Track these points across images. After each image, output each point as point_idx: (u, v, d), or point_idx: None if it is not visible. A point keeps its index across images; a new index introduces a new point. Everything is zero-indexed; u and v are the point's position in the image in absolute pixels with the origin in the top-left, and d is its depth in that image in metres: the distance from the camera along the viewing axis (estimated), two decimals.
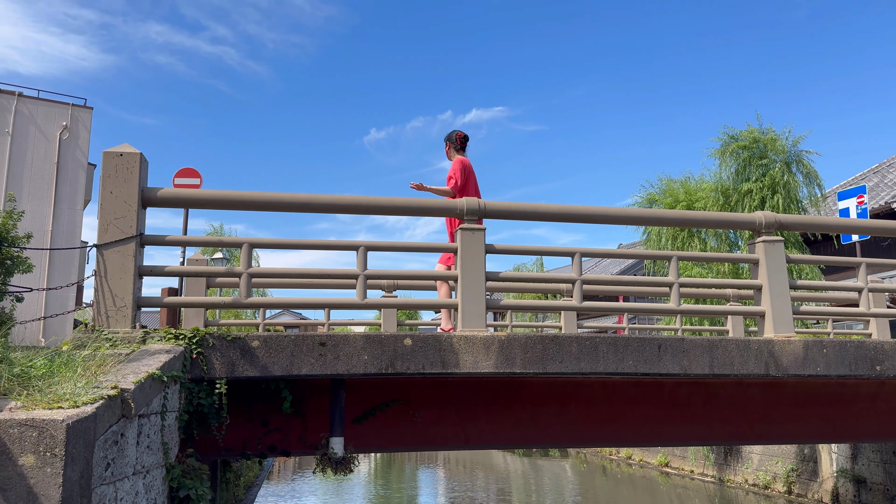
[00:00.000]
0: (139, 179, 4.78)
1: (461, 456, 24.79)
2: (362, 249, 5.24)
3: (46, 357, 3.82)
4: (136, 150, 4.83)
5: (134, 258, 4.70)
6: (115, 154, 4.79)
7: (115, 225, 4.70)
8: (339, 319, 16.14)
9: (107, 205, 4.73)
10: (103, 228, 4.70)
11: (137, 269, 4.74)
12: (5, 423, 2.96)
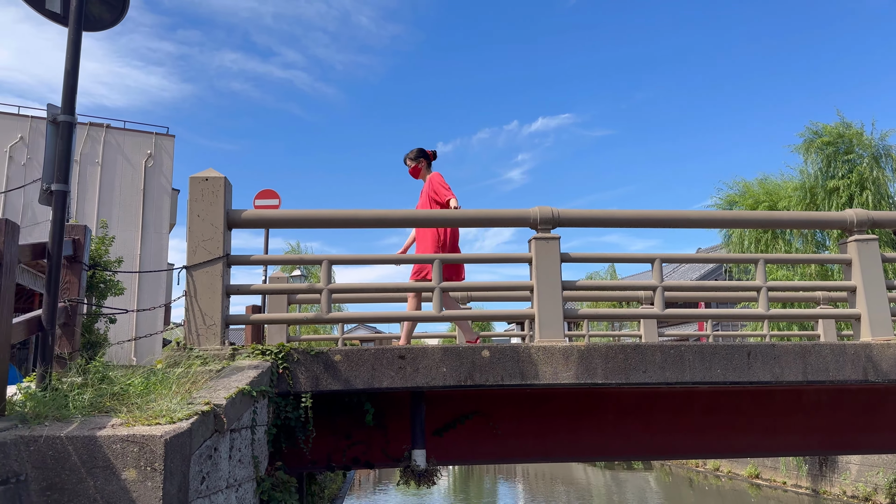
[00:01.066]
0: (224, 202, 4.97)
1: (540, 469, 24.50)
2: (437, 263, 5.28)
3: (143, 375, 4.01)
4: (221, 174, 5.03)
5: (221, 278, 4.88)
6: (201, 179, 5.00)
7: (203, 247, 4.90)
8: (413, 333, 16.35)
9: (195, 228, 4.94)
10: (192, 250, 4.91)
11: (225, 288, 4.92)
12: (108, 439, 3.12)
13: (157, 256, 23.72)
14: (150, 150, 24.47)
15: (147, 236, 23.73)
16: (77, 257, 4.44)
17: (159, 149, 24.80)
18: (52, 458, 3.05)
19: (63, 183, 4.00)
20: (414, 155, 6.64)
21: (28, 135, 23.49)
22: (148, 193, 24.18)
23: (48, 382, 3.74)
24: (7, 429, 3.14)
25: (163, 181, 24.73)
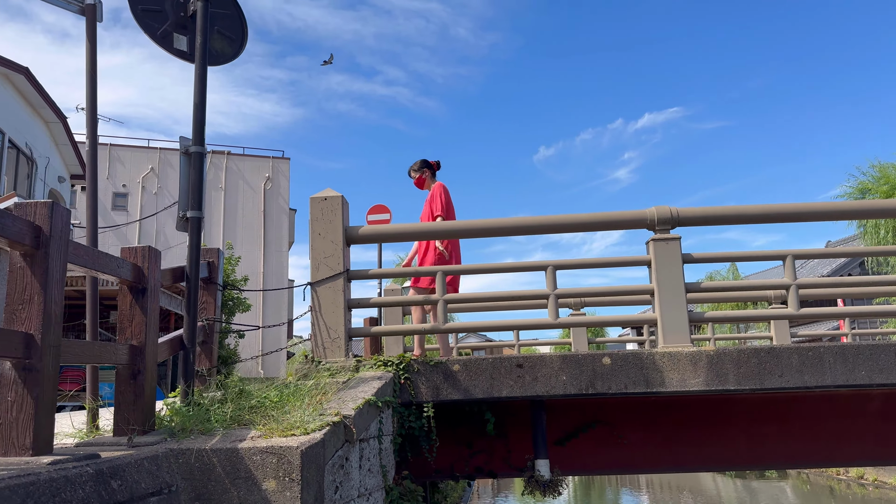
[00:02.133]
0: (342, 220, 5.15)
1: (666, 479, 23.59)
2: (550, 269, 5.22)
3: (277, 388, 4.19)
4: (338, 193, 5.21)
5: (343, 293, 5.05)
6: (320, 199, 5.20)
7: (325, 263, 5.09)
8: (523, 340, 16.03)
9: (316, 245, 5.14)
10: (315, 267, 5.11)
11: (347, 302, 5.08)
12: (249, 450, 3.28)
13: (278, 273, 24.91)
14: (268, 174, 25.79)
15: (268, 254, 24.98)
16: (212, 278, 4.72)
17: (276, 171, 26.09)
18: (199, 470, 3.24)
19: (197, 210, 4.27)
20: (417, 166, 6.58)
21: (157, 166, 25.38)
22: (267, 214, 25.47)
23: (191, 398, 3.99)
24: (158, 442, 3.37)
25: (280, 202, 25.98)
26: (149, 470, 2.98)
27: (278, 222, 25.75)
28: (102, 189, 24.38)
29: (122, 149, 25.33)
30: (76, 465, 2.52)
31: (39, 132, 16.75)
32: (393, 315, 8.46)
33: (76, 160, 18.78)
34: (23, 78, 14.76)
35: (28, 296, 2.68)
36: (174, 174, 25.34)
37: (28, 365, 2.61)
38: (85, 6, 4.14)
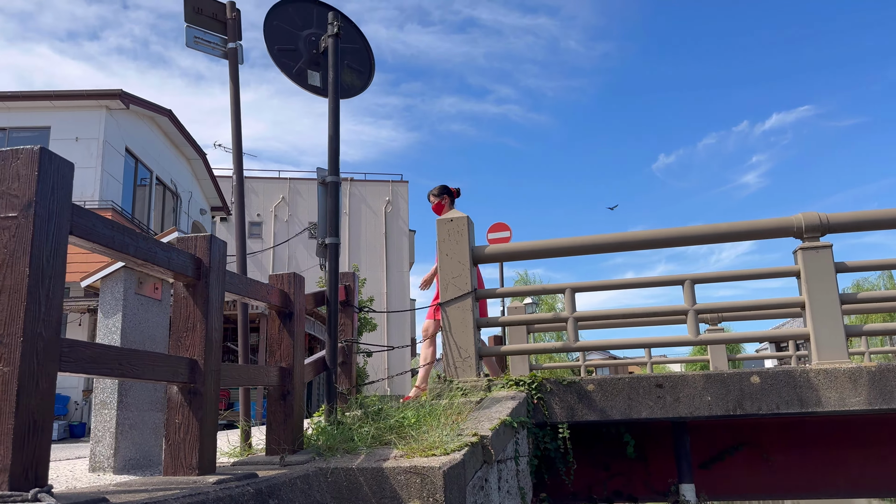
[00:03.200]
0: (469, 240, 5.19)
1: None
2: (688, 283, 4.99)
3: (414, 408, 4.25)
4: (464, 214, 5.26)
5: (472, 312, 5.07)
6: (446, 220, 5.27)
7: (453, 283, 5.14)
8: (641, 358, 15.29)
9: (444, 266, 5.20)
10: (444, 287, 5.17)
11: (475, 321, 5.10)
12: (394, 470, 3.33)
13: (400, 293, 25.50)
14: (388, 197, 26.56)
15: (391, 275, 25.65)
16: (349, 301, 4.88)
17: (396, 195, 26.83)
18: (346, 489, 3.33)
19: (335, 236, 4.44)
20: (437, 192, 6.47)
21: (288, 195, 26.78)
22: (389, 236, 26.20)
23: (334, 417, 4.12)
24: (307, 461, 3.50)
25: (400, 224, 26.66)
26: (301, 489, 3.09)
27: (399, 244, 26.43)
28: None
29: (256, 180, 26.95)
30: (238, 484, 2.66)
31: (183, 169, 18.18)
32: (518, 333, 8.40)
33: (215, 193, 20.21)
34: (167, 120, 16.11)
35: (191, 323, 2.88)
36: (303, 202, 26.68)
37: (193, 389, 2.80)
38: (227, 50, 4.44)
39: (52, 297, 2.01)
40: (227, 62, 4.57)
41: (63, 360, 2.06)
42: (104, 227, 2.32)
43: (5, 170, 2.01)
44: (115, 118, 14.04)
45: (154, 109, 15.29)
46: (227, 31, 4.42)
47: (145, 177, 15.70)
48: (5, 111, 13.54)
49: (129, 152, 14.75)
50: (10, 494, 1.78)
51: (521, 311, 8.97)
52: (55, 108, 13.66)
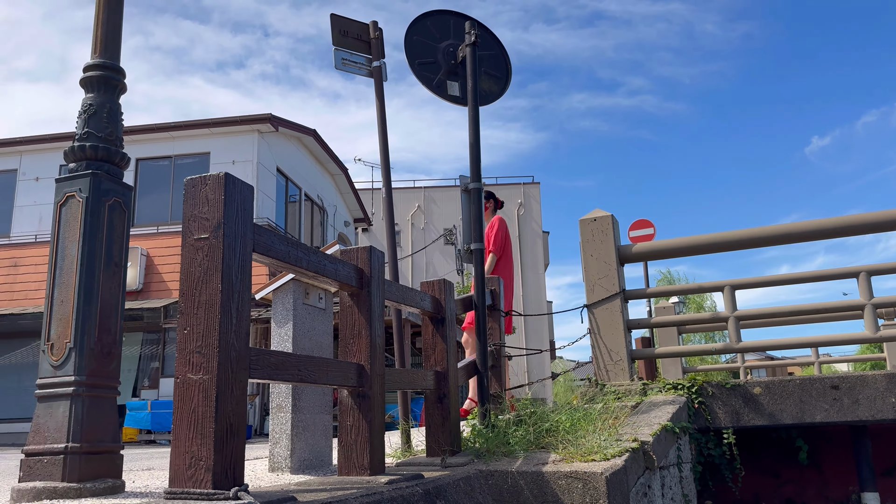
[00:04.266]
0: (614, 239, 5.07)
1: None
2: (864, 275, 4.58)
3: (567, 412, 4.21)
4: (607, 213, 5.15)
5: (621, 313, 4.94)
6: (589, 220, 5.19)
7: (600, 284, 5.04)
8: (806, 357, 13.93)
9: (590, 267, 5.11)
10: (590, 289, 5.08)
11: (626, 323, 4.97)
12: (554, 474, 3.32)
13: (536, 295, 25.35)
14: (520, 199, 26.53)
15: (526, 278, 25.57)
16: (495, 305, 4.92)
17: (528, 197, 26.75)
18: (507, 492, 3.35)
19: (480, 242, 4.50)
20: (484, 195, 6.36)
21: (423, 203, 27.46)
22: (522, 239, 26.14)
23: (488, 420, 4.17)
24: (466, 463, 3.56)
25: (534, 226, 26.53)
26: (465, 490, 3.15)
27: (533, 246, 26.30)
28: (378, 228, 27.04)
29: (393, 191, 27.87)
30: (408, 484, 2.75)
31: (327, 184, 19.16)
32: (668, 335, 8.09)
33: (357, 206, 21.12)
34: (312, 139, 17.05)
35: (357, 330, 3.02)
36: (438, 210, 27.25)
37: (361, 392, 2.93)
38: (372, 69, 4.63)
39: (241, 309, 2.18)
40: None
41: (252, 367, 2.23)
42: (280, 243, 2.50)
43: (196, 195, 2.21)
44: (266, 140, 15.06)
45: (300, 130, 16.24)
46: (371, 51, 4.61)
47: (294, 193, 16.70)
48: (170, 140, 14.91)
49: (280, 171, 15.76)
50: (215, 492, 1.96)
51: (669, 310, 8.64)
52: (213, 134, 14.87)
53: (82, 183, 2.56)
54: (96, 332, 2.48)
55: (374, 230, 26.40)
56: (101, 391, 2.49)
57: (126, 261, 2.67)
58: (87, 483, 2.34)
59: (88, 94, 2.74)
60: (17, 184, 15.25)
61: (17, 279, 14.02)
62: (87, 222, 2.52)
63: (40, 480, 2.33)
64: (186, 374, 2.07)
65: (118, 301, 2.60)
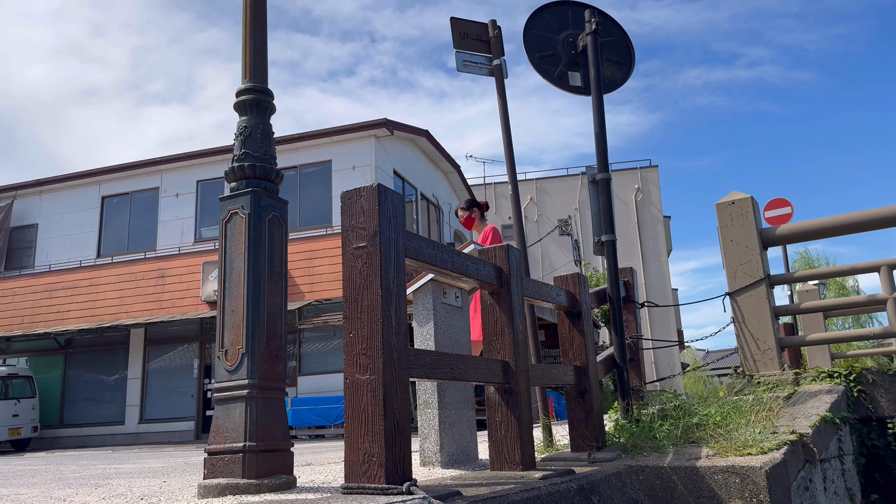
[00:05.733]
0: (755, 223, 4.83)
1: None
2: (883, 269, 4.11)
3: (716, 405, 4.07)
4: (746, 195, 4.92)
5: (767, 300, 4.71)
6: (727, 203, 4.97)
7: (742, 271, 4.82)
8: None
9: (729, 253, 4.90)
10: (731, 275, 4.87)
11: (773, 310, 4.73)
12: (709, 469, 3.22)
13: (660, 283, 24.55)
14: (637, 185, 25.77)
15: (648, 266, 24.82)
16: (629, 297, 4.83)
17: (645, 181, 25.93)
18: (660, 487, 3.29)
19: (611, 233, 4.43)
20: (465, 205, 6.30)
21: (535, 195, 27.27)
22: (641, 225, 25.39)
23: (631, 414, 4.10)
24: (613, 459, 3.52)
25: (653, 211, 25.70)
26: (616, 486, 3.13)
27: (654, 232, 25.47)
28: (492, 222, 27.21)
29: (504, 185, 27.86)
30: (561, 480, 2.77)
31: (440, 182, 19.45)
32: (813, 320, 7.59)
33: None
34: (425, 139, 17.37)
35: (499, 328, 3.06)
36: (550, 201, 26.99)
37: (508, 388, 2.97)
38: (493, 67, 4.66)
39: (399, 312, 2.28)
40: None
41: (412, 366, 2.32)
42: (428, 247, 2.58)
43: (352, 207, 2.33)
44: (382, 145, 15.51)
45: (413, 132, 16.59)
46: (490, 49, 4.64)
47: (411, 194, 17.09)
48: (294, 151, 15.65)
49: (397, 174, 16.17)
50: (388, 487, 2.06)
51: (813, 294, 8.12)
52: (333, 142, 15.48)
53: (244, 200, 2.76)
54: (265, 338, 2.67)
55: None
56: (272, 393, 2.67)
57: (286, 270, 2.85)
58: (265, 479, 2.52)
59: (242, 116, 2.94)
60: (159, 200, 16.54)
61: (164, 289, 15.21)
62: (250, 237, 2.71)
63: (223, 477, 2.53)
64: (355, 375, 2.19)
65: (281, 308, 2.78)
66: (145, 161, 16.69)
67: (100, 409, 16.07)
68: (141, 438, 15.32)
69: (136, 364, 15.91)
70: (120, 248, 16.58)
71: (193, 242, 15.97)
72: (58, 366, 16.64)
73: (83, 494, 2.96)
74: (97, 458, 7.81)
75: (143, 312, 15.14)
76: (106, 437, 15.56)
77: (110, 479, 3.85)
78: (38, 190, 17.47)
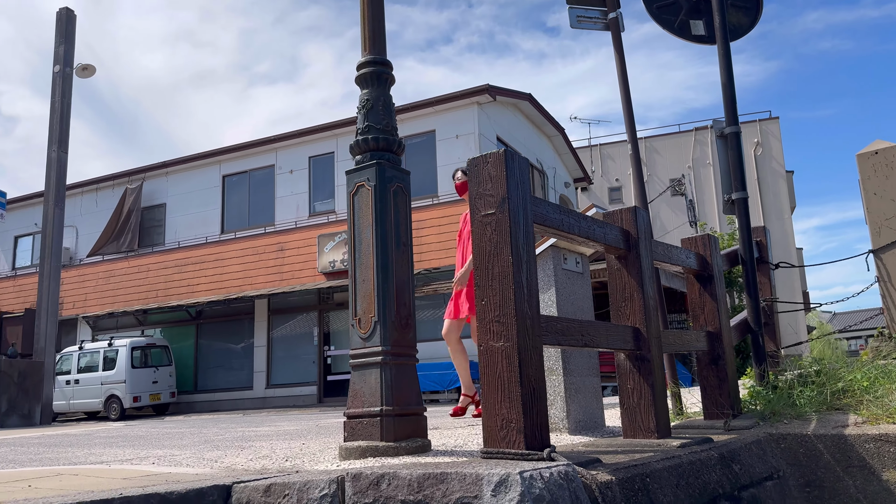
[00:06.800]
0: None
1: None
2: None
3: (861, 370, 3.80)
4: (891, 143, 4.51)
5: None
6: (869, 154, 4.58)
7: (888, 226, 4.45)
8: None
9: (872, 207, 4.53)
10: (875, 232, 4.51)
11: None
12: (859, 438, 3.02)
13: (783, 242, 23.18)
14: (756, 138, 24.32)
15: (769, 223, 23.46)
16: (762, 258, 4.58)
17: (765, 134, 24.43)
18: (804, 456, 3.12)
19: (742, 191, 4.19)
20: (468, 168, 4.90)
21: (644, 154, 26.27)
22: (762, 181, 24.00)
23: (767, 381, 3.90)
24: (751, 427, 3.37)
25: (774, 165, 24.21)
26: (757, 454, 3.00)
27: (775, 188, 24.01)
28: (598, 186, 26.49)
29: (610, 146, 27.09)
30: (700, 448, 2.68)
31: (544, 147, 19.13)
32: None
33: (576, 165, 20.84)
34: (527, 103, 17.08)
35: (628, 293, 2.98)
36: (661, 160, 25.97)
37: (639, 355, 2.89)
38: (609, 21, 4.48)
39: (530, 279, 2.25)
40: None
41: (544, 333, 2.30)
42: (554, 212, 2.53)
43: (479, 174, 2.31)
44: (485, 111, 15.40)
45: (515, 96, 16.36)
46: (605, 2, 4.45)
47: None
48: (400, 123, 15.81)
49: (500, 140, 16.04)
50: (528, 453, 2.05)
51: None
52: (436, 112, 15.52)
53: (369, 173, 2.80)
54: (395, 307, 2.72)
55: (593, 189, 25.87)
56: (404, 359, 2.72)
57: (411, 240, 2.88)
58: (402, 442, 2.59)
59: (363, 90, 2.97)
60: (275, 177, 17.25)
61: (284, 261, 15.93)
62: (376, 208, 2.75)
63: (363, 440, 2.62)
64: (489, 342, 2.19)
65: (409, 277, 2.82)
66: (260, 140, 17.41)
67: (230, 376, 17.17)
68: (268, 402, 16.27)
69: (262, 332, 16.83)
70: (241, 224, 17.47)
71: (308, 216, 16.58)
72: (190, 335, 17.88)
73: (231, 455, 3.16)
74: (234, 421, 8.36)
75: (265, 284, 15.95)
76: (236, 402, 16.64)
77: (251, 441, 4.10)
78: (164, 172, 18.64)
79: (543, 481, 1.68)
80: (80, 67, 12.64)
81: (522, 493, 1.60)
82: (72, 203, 17.81)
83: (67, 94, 12.36)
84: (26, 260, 20.27)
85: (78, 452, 3.79)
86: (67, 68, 12.37)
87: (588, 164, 25.21)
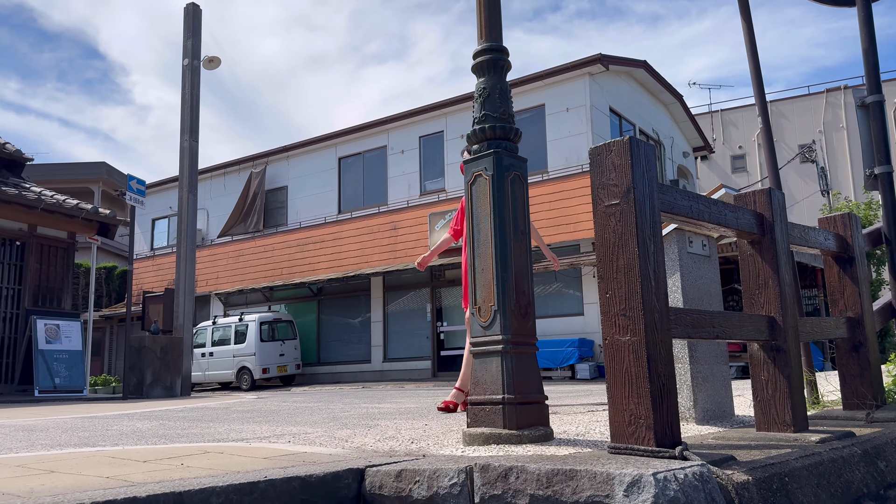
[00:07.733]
0: None
1: None
2: None
3: None
4: None
5: None
6: None
7: None
8: None
9: None
10: None
11: None
12: None
13: None
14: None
15: None
16: None
17: None
18: None
19: (886, 164, 3.86)
20: None
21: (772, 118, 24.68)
22: None
23: None
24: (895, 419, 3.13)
25: None
26: None
27: None
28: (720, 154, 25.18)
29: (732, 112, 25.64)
30: (842, 444, 2.52)
31: (661, 115, 18.37)
32: None
33: (695, 133, 19.90)
34: (642, 71, 16.44)
35: (762, 280, 2.83)
36: (788, 125, 24.32)
37: (775, 346, 2.75)
38: None
39: (658, 270, 2.18)
40: None
41: (672, 326, 2.23)
42: (683, 199, 2.43)
43: (602, 163, 2.26)
44: (597, 82, 14.97)
45: (629, 64, 15.78)
46: None
47: (628, 130, 16.38)
48: None
49: (613, 111, 15.57)
50: (659, 450, 2.01)
51: None
52: (545, 85, 15.25)
53: (487, 162, 2.80)
54: (514, 295, 2.72)
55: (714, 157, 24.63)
56: (524, 348, 2.73)
57: (529, 228, 2.87)
58: (525, 430, 2.61)
59: (480, 78, 2.97)
60: (387, 158, 17.63)
61: (397, 240, 16.31)
62: (494, 197, 2.76)
63: (486, 427, 2.66)
64: (614, 336, 2.15)
65: (527, 265, 2.81)
66: (373, 122, 17.82)
67: (349, 349, 17.89)
68: (385, 375, 16.84)
69: (378, 308, 17.38)
70: (357, 204, 18.04)
71: (419, 195, 16.85)
72: (312, 311, 18.75)
73: (360, 435, 3.30)
74: (356, 395, 8.72)
75: (380, 262, 16.42)
76: (356, 374, 17.33)
77: (377, 419, 4.27)
78: (285, 155, 19.50)
79: (678, 483, 1.64)
80: (206, 60, 13.38)
81: (657, 496, 1.58)
82: (202, 187, 19.02)
83: (196, 86, 13.13)
84: (163, 241, 21.91)
85: (220, 428, 4.09)
86: (195, 61, 13.13)
87: (709, 132, 24.01)
